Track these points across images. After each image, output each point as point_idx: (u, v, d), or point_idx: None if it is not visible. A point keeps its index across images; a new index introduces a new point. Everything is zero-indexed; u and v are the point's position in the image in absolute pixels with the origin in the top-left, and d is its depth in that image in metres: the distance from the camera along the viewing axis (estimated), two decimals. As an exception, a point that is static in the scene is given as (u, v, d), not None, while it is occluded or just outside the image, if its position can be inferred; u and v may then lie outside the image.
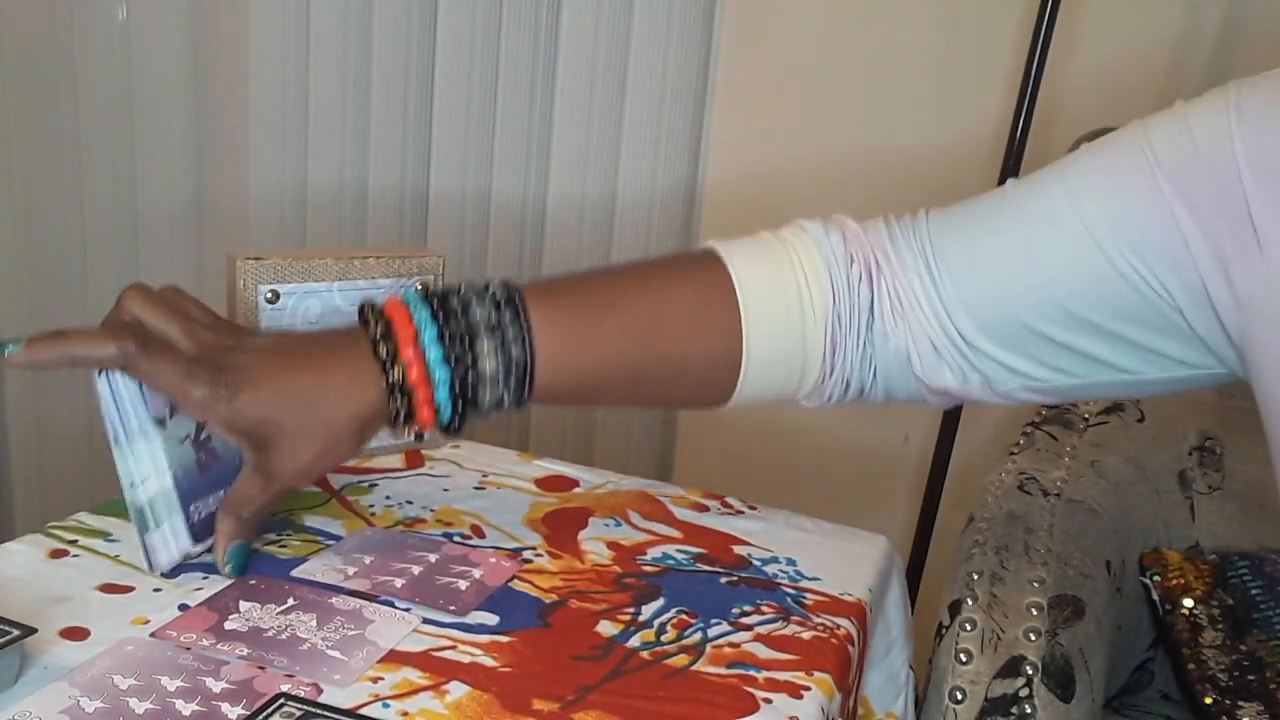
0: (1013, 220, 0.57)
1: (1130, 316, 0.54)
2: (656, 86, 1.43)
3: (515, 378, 0.58)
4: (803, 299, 0.61)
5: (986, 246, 0.58)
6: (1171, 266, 0.52)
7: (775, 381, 0.63)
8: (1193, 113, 0.52)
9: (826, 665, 0.58)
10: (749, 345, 0.61)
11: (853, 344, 0.61)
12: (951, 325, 0.59)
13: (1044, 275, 0.55)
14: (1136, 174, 0.52)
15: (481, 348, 0.58)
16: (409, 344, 0.57)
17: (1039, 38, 1.16)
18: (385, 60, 1.54)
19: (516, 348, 0.58)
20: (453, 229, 1.57)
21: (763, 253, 0.63)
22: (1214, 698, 0.94)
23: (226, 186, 1.67)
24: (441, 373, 0.57)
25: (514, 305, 0.59)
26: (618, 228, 1.49)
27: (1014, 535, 0.90)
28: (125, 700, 0.48)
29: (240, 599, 0.58)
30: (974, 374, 0.60)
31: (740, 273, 0.61)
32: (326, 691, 0.51)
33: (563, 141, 1.48)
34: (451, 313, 0.58)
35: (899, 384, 0.63)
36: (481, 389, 0.58)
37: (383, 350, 0.57)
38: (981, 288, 0.57)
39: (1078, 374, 0.58)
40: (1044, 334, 0.56)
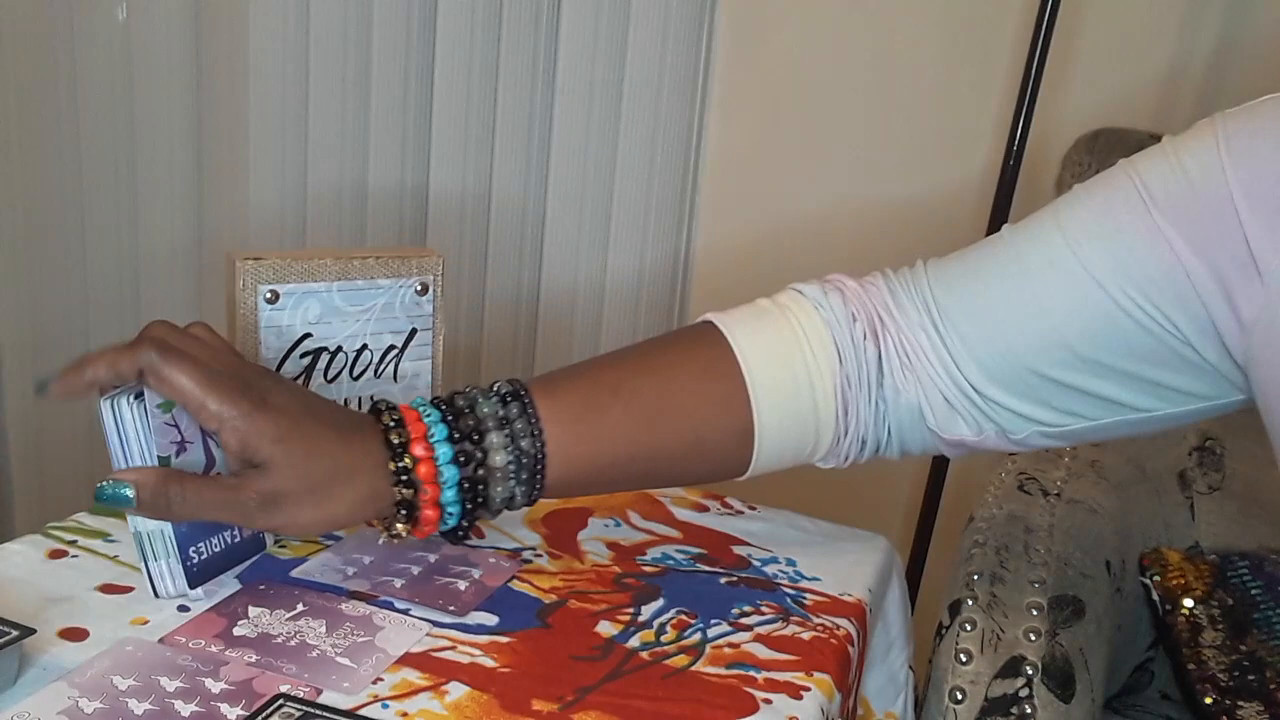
0: (1013, 269, 0.58)
1: (1139, 354, 0.54)
2: (655, 85, 1.43)
3: (527, 471, 0.57)
4: (808, 364, 0.61)
5: (990, 297, 0.58)
6: (1175, 300, 0.52)
7: (789, 448, 0.62)
8: (1182, 148, 0.53)
9: (826, 665, 0.58)
10: (759, 417, 0.60)
11: (864, 402, 0.61)
12: (962, 377, 0.59)
13: (1050, 321, 0.56)
14: (1132, 213, 0.53)
15: (490, 442, 0.56)
16: (419, 441, 0.56)
17: (1036, 48, 1.16)
18: (385, 60, 1.54)
19: (526, 440, 0.57)
20: (453, 229, 1.57)
21: (762, 322, 0.62)
22: (1214, 698, 0.94)
23: (226, 187, 1.67)
24: (449, 472, 0.56)
25: (521, 399, 0.58)
26: (616, 225, 1.49)
27: (1014, 535, 0.90)
28: (124, 701, 0.48)
29: (249, 604, 0.58)
30: (988, 424, 0.60)
31: (742, 345, 0.61)
32: (327, 692, 0.51)
33: (563, 141, 1.48)
34: (459, 411, 0.57)
35: (913, 438, 0.63)
36: (492, 485, 0.57)
37: (395, 438, 0.55)
38: (988, 338, 0.58)
39: (1092, 416, 0.58)
40: (1055, 379, 0.57)
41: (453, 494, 0.56)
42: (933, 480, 1.34)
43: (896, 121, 1.38)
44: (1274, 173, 0.50)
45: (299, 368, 0.76)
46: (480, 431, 0.56)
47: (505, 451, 0.56)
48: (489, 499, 0.57)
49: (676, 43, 1.41)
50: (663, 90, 1.43)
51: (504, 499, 0.58)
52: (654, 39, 1.41)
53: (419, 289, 0.79)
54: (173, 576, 0.56)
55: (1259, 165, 0.50)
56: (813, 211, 1.44)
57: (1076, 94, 1.28)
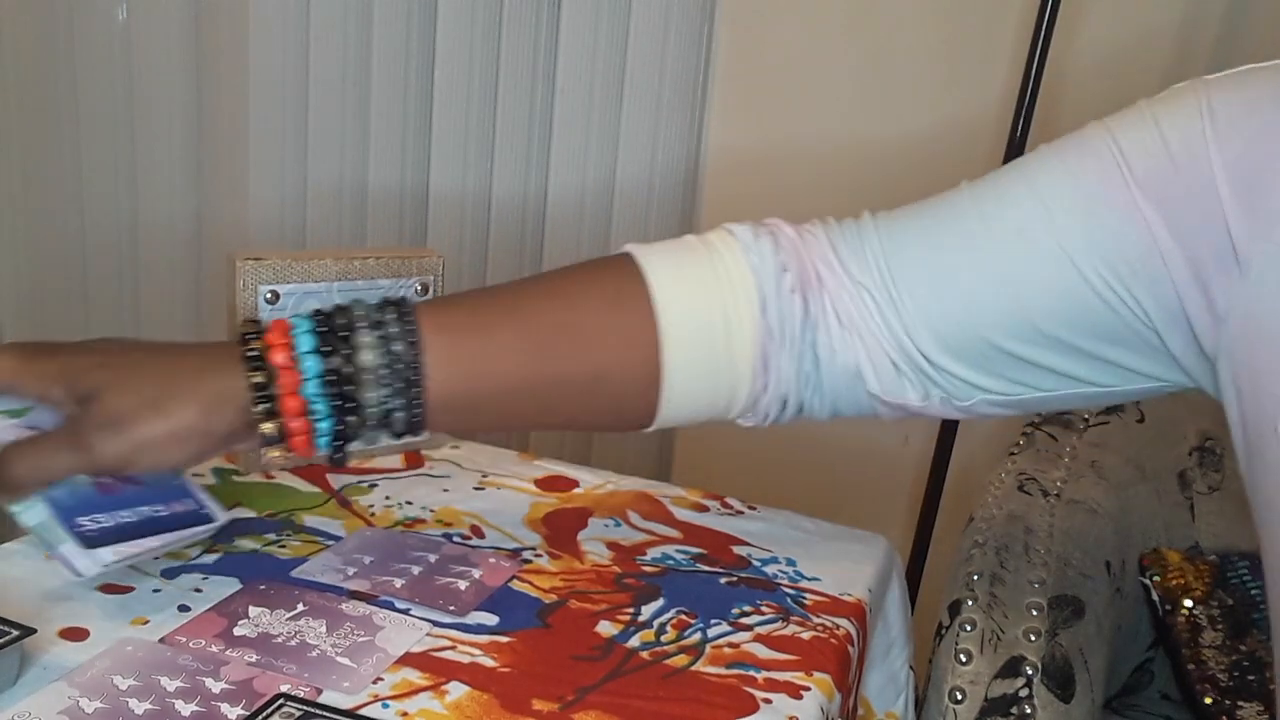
0: (977, 233, 0.53)
1: (1103, 334, 0.52)
2: (655, 85, 1.43)
3: (401, 380, 0.53)
4: (726, 307, 0.56)
5: (950, 262, 0.54)
6: (1148, 284, 0.49)
7: (702, 398, 0.58)
8: (1163, 116, 0.49)
9: (826, 665, 0.58)
10: (667, 355, 0.56)
11: (787, 359, 0.57)
12: (911, 343, 0.55)
13: (1014, 292, 0.52)
14: (1110, 185, 0.50)
15: (359, 340, 0.53)
16: (279, 331, 0.53)
17: (1043, 16, 1.16)
18: (385, 60, 1.54)
19: (400, 345, 0.53)
20: (453, 229, 1.57)
21: (683, 257, 0.58)
22: (1214, 698, 0.94)
23: (226, 187, 1.67)
24: (312, 362, 0.52)
25: (400, 307, 0.54)
26: (616, 226, 1.49)
27: (1014, 535, 0.90)
28: (124, 701, 0.48)
29: (250, 604, 0.58)
30: (935, 390, 0.57)
31: (658, 278, 0.57)
32: (327, 692, 0.51)
33: (563, 141, 1.48)
34: (331, 313, 0.54)
35: (847, 400, 0.59)
36: (362, 388, 0.52)
37: (252, 344, 0.52)
38: (946, 306, 0.54)
39: (1044, 388, 0.55)
40: (1012, 352, 0.54)
41: (315, 387, 0.52)
42: (933, 480, 1.34)
43: (897, 123, 1.38)
44: (1263, 153, 0.46)
45: (299, 368, 0.76)
46: (350, 329, 0.53)
47: (375, 352, 0.53)
48: (360, 404, 0.53)
49: (677, 43, 1.42)
50: (663, 90, 1.43)
51: (379, 406, 0.53)
52: (654, 39, 1.41)
53: (419, 289, 0.79)
54: (79, 555, 0.53)
55: (1246, 144, 0.47)
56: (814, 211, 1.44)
57: (1076, 93, 1.28)
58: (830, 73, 1.40)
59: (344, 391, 0.53)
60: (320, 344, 0.52)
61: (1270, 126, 0.46)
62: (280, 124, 1.61)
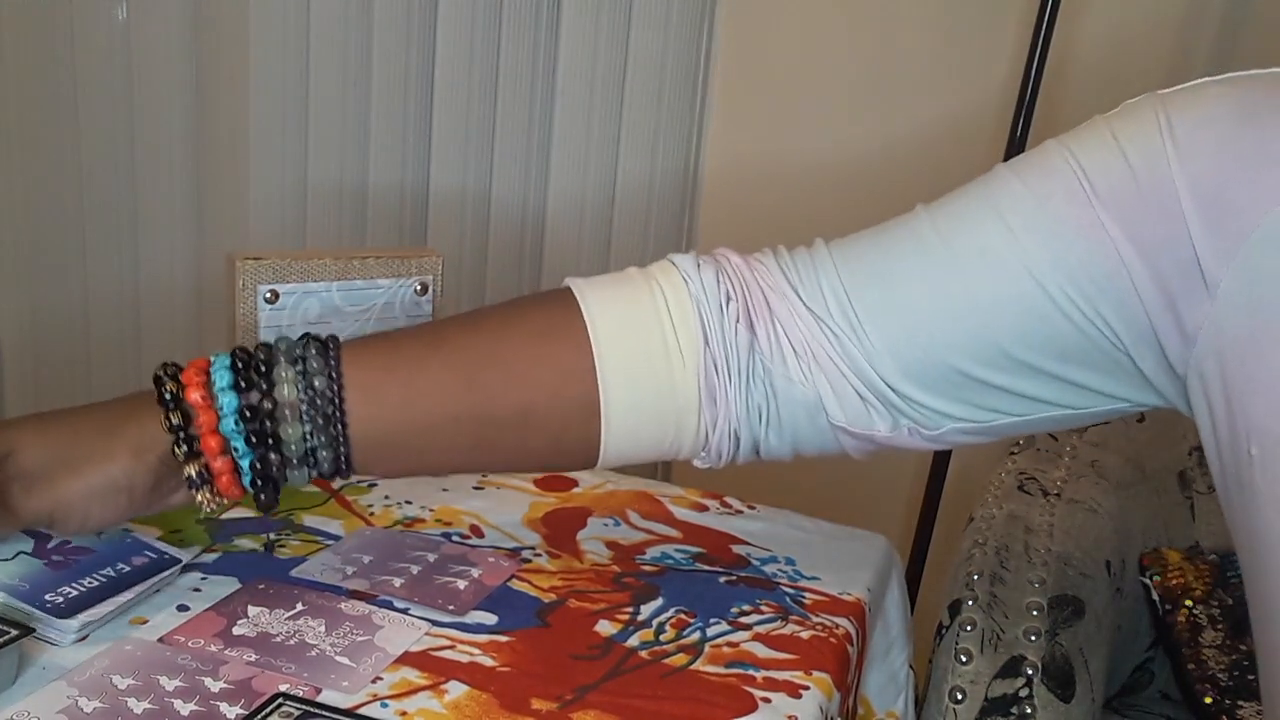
0: (938, 256, 0.52)
1: (1072, 357, 0.50)
2: (655, 85, 1.43)
3: (322, 416, 0.52)
4: (667, 340, 0.54)
5: (911, 287, 0.52)
6: (1116, 305, 0.48)
7: (646, 433, 0.56)
8: (1122, 133, 0.48)
9: (825, 665, 0.58)
10: (606, 391, 0.54)
11: (735, 391, 0.55)
12: (874, 373, 0.53)
13: (980, 318, 0.50)
14: (1073, 204, 0.48)
15: (278, 375, 0.52)
16: (194, 370, 0.52)
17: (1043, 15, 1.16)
18: (385, 60, 1.54)
19: (320, 379, 0.52)
20: (453, 229, 1.57)
21: (621, 289, 0.57)
22: (1214, 698, 0.94)
23: (226, 186, 1.67)
24: (229, 399, 0.52)
25: (322, 343, 0.54)
26: (617, 226, 1.49)
27: (1014, 535, 0.90)
28: (123, 700, 0.48)
29: (249, 604, 0.58)
30: (903, 419, 0.55)
31: (592, 310, 0.55)
32: (326, 691, 0.51)
33: (563, 141, 1.48)
34: (249, 351, 0.53)
35: (809, 435, 0.57)
36: (282, 424, 0.52)
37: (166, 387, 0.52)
38: (909, 333, 0.52)
39: (1015, 413, 0.53)
40: (980, 378, 0.52)
41: (232, 424, 0.52)
42: (933, 480, 1.34)
43: (898, 122, 1.38)
44: (1225, 170, 0.45)
45: (298, 367, 0.76)
46: (269, 364, 0.52)
47: (294, 386, 0.52)
48: (282, 440, 0.52)
49: (677, 42, 1.42)
50: (663, 90, 1.43)
51: (300, 444, 0.52)
52: (654, 39, 1.41)
53: (419, 289, 0.79)
54: (53, 626, 0.53)
55: (1208, 161, 0.45)
56: (814, 210, 1.44)
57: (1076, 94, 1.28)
58: (830, 72, 1.40)
59: (264, 428, 0.52)
60: (237, 380, 0.52)
61: (1230, 143, 0.45)
62: (280, 124, 1.61)
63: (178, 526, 0.67)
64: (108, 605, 0.54)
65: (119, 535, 0.60)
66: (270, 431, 0.52)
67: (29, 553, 0.56)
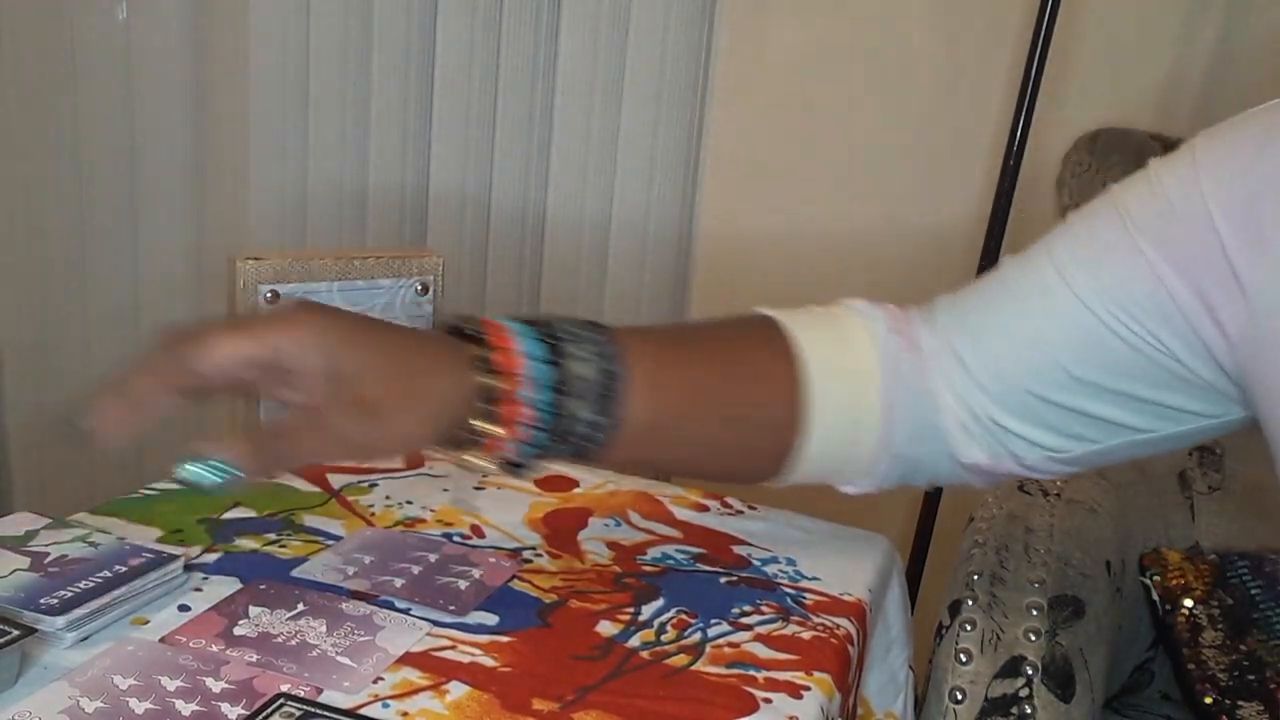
0: (1009, 298, 0.60)
1: (1134, 375, 0.55)
2: (655, 86, 1.43)
3: (607, 395, 0.54)
4: (854, 360, 0.61)
5: (990, 326, 0.60)
6: (1162, 320, 0.53)
7: (833, 452, 0.61)
8: (1162, 168, 0.55)
9: (826, 665, 0.58)
10: (810, 404, 0.59)
11: (905, 417, 0.61)
12: (975, 406, 0.60)
13: (1046, 346, 0.57)
14: (1115, 237, 0.55)
15: (574, 352, 0.53)
16: (499, 334, 0.53)
17: (1035, 48, 1.16)
18: (385, 60, 1.54)
19: (609, 361, 0.54)
20: (453, 229, 1.57)
21: (808, 317, 0.63)
22: (1214, 698, 0.94)
23: (226, 186, 1.67)
24: (540, 370, 0.52)
25: (599, 325, 0.56)
26: (616, 227, 1.49)
27: (1014, 535, 0.90)
28: (125, 700, 0.48)
29: (249, 604, 0.58)
30: (1003, 450, 0.61)
31: (795, 331, 0.61)
32: (327, 691, 0.51)
33: (563, 142, 1.48)
34: (539, 322, 0.54)
35: (943, 467, 0.64)
36: (572, 401, 0.53)
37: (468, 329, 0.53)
38: (990, 366, 0.59)
39: (1096, 439, 0.59)
40: (1055, 402, 0.58)
41: (545, 396, 0.52)
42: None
43: (898, 121, 1.38)
44: (1245, 190, 0.51)
45: (299, 367, 0.76)
46: (561, 339, 0.53)
47: (588, 365, 0.53)
48: (568, 414, 0.53)
49: (677, 43, 1.42)
50: (663, 90, 1.43)
51: (580, 421, 0.54)
52: (654, 39, 1.41)
53: (419, 289, 0.80)
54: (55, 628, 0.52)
55: (1232, 181, 0.51)
56: (814, 208, 1.44)
57: (1076, 94, 1.28)
58: (831, 72, 1.41)
59: (556, 400, 0.53)
60: (540, 338, 0.53)
61: (1255, 164, 0.51)
62: (280, 124, 1.61)
63: (178, 526, 0.67)
64: (104, 599, 0.54)
65: (115, 542, 0.60)
66: (561, 405, 0.53)
67: (25, 569, 0.56)
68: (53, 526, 0.62)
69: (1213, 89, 1.25)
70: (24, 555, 0.57)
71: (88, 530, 0.61)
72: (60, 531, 0.61)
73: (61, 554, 0.58)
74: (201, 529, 0.67)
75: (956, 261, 1.37)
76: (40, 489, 1.85)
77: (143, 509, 0.69)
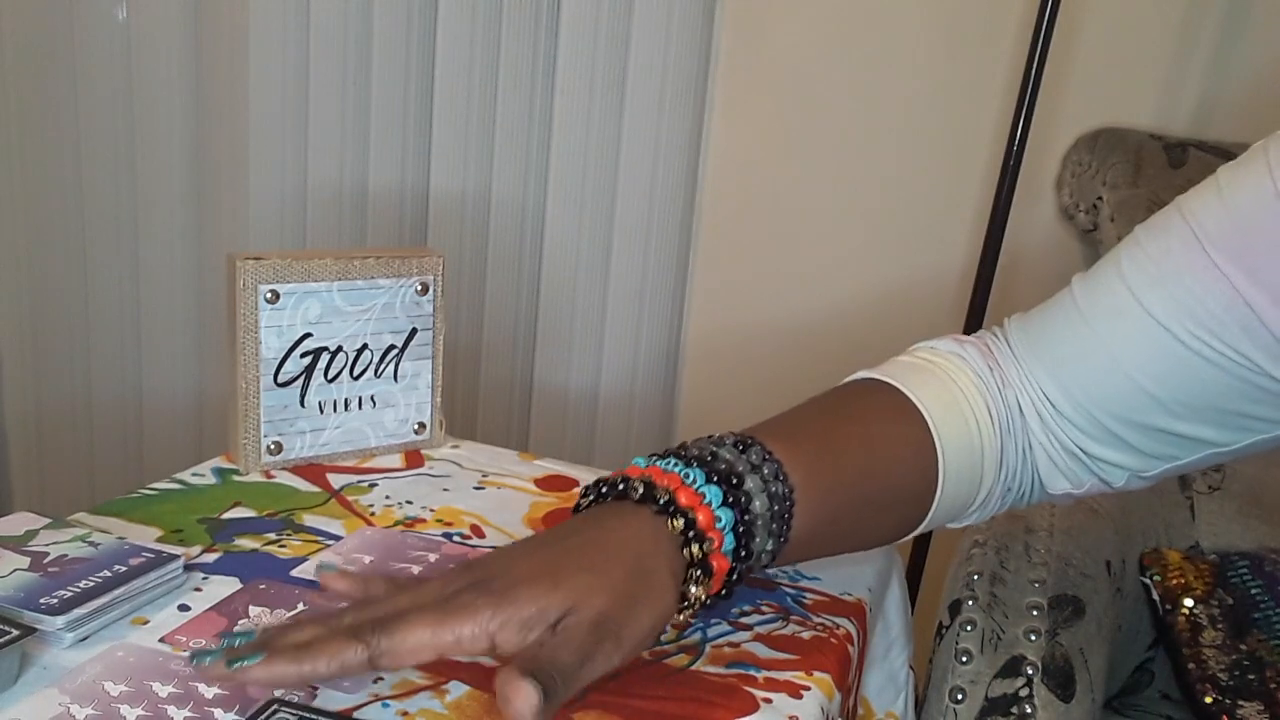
0: (1081, 323, 0.59)
1: (1216, 391, 0.55)
2: (656, 85, 1.43)
3: (777, 521, 0.53)
4: (966, 409, 0.60)
5: (1063, 353, 0.60)
6: (1243, 333, 0.52)
7: (961, 497, 0.62)
8: (1234, 178, 0.54)
9: (826, 665, 0.58)
10: (943, 457, 0.59)
11: (1013, 450, 0.62)
12: (1061, 437, 0.61)
13: (1123, 369, 0.57)
14: (1188, 253, 0.54)
15: (750, 485, 0.52)
16: (682, 490, 0.51)
17: (1036, 48, 1.16)
18: (385, 60, 1.54)
19: (778, 484, 0.53)
20: (453, 229, 1.57)
21: (920, 374, 0.62)
22: (1214, 697, 0.94)
23: (226, 186, 1.67)
24: (726, 516, 0.51)
25: (756, 446, 0.54)
26: (617, 227, 1.49)
27: (1014, 535, 0.90)
28: (116, 707, 0.48)
29: (250, 604, 0.58)
30: (1088, 476, 0.61)
31: (911, 391, 0.61)
32: (326, 692, 0.51)
33: (563, 142, 1.48)
34: (702, 459, 0.53)
35: (1035, 492, 0.65)
36: (754, 536, 0.52)
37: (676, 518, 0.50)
38: (1073, 396, 0.59)
39: (1178, 456, 0.59)
40: (1139, 425, 0.58)
41: (730, 541, 0.51)
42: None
43: (898, 119, 1.38)
44: None
45: (299, 367, 0.76)
46: (737, 474, 0.52)
47: (762, 496, 0.53)
48: (750, 551, 0.52)
49: (678, 43, 1.42)
50: (664, 90, 1.43)
51: (758, 553, 0.53)
52: (655, 39, 1.41)
53: (419, 289, 0.79)
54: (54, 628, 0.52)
55: None
56: (816, 205, 1.44)
57: (1076, 94, 1.28)
58: (831, 72, 1.41)
59: (741, 542, 0.52)
60: (725, 496, 0.52)
61: None
62: (280, 124, 1.61)
63: (178, 526, 0.67)
64: (104, 599, 0.54)
65: (115, 542, 0.60)
66: (746, 544, 0.52)
67: (25, 569, 0.56)
68: (53, 526, 0.62)
69: (1213, 89, 1.25)
70: (24, 555, 0.57)
71: (88, 530, 0.61)
72: (60, 531, 0.61)
73: (61, 554, 0.58)
74: (201, 529, 0.67)
75: (957, 261, 1.37)
76: (40, 489, 1.85)
77: (143, 509, 0.69)
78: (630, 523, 0.50)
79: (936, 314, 1.38)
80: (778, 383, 1.50)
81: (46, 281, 1.77)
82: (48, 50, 1.68)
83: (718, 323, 1.53)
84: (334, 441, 0.78)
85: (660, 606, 0.48)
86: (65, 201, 1.74)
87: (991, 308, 1.24)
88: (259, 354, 0.74)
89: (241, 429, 0.75)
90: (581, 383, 1.56)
